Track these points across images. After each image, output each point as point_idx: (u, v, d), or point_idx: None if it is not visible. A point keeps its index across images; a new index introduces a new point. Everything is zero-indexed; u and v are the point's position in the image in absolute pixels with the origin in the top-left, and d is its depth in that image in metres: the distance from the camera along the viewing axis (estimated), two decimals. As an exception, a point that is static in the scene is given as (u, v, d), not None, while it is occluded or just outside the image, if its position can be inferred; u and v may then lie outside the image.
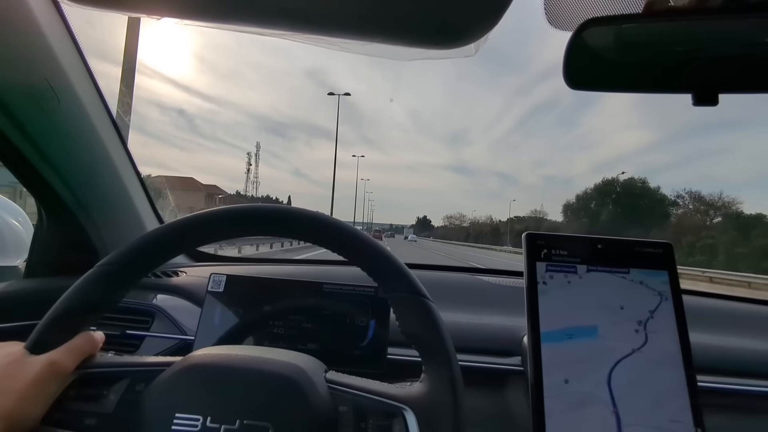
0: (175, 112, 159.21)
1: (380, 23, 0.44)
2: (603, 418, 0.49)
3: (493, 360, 0.72)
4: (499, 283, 1.02)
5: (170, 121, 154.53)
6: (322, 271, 1.09)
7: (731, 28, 0.48)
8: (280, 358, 0.44)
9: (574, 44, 0.50)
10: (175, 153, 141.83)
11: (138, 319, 0.82)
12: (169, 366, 0.43)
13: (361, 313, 0.70)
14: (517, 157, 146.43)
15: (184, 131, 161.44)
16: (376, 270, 0.47)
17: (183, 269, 1.04)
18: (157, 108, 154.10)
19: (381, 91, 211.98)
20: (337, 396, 0.43)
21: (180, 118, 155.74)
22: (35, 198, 0.88)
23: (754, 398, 0.69)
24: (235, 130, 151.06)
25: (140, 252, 0.47)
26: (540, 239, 0.56)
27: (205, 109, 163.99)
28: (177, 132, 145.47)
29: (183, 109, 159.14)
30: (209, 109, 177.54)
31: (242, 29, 0.48)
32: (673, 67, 0.53)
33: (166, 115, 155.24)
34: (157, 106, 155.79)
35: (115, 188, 0.96)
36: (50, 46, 0.71)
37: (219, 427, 0.39)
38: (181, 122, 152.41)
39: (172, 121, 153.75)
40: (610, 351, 0.51)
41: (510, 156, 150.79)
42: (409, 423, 0.41)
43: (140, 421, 0.40)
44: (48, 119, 0.75)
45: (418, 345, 0.45)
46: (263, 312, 0.71)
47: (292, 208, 0.49)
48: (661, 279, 0.54)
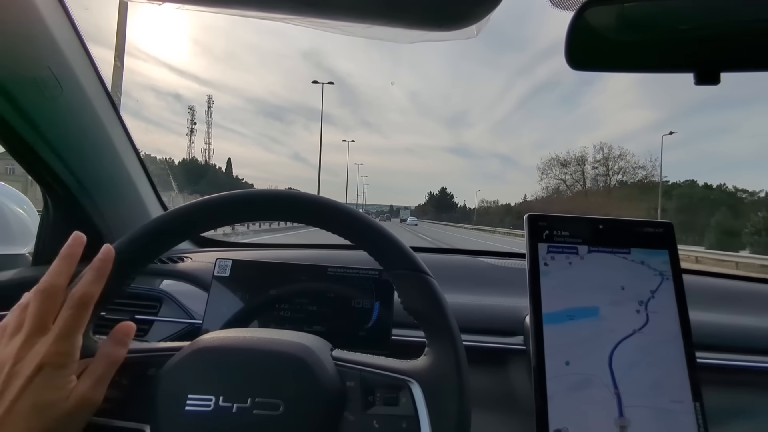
0: (171, 96, 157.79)
1: (382, 5, 0.44)
2: (604, 399, 0.49)
3: (495, 339, 0.73)
4: (501, 264, 1.03)
5: (167, 106, 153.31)
6: (327, 255, 1.10)
7: (733, 7, 0.48)
8: (288, 339, 0.45)
9: (576, 24, 0.49)
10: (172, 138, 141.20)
11: (146, 305, 0.83)
12: (179, 350, 0.44)
13: (365, 296, 0.71)
14: (518, 138, 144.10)
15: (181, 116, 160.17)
16: (377, 250, 0.48)
17: (188, 255, 1.05)
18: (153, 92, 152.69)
19: (379, 73, 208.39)
20: (344, 372, 0.44)
21: (177, 103, 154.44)
22: (40, 186, 0.89)
23: (753, 374, 0.71)
24: (232, 114, 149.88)
25: (147, 238, 0.48)
26: (542, 220, 0.56)
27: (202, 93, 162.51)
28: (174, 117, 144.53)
29: (179, 94, 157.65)
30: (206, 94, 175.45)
31: (242, 13, 0.48)
32: (674, 46, 0.53)
33: (162, 100, 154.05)
34: (152, 91, 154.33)
35: (119, 175, 0.96)
36: (52, 34, 0.71)
37: (231, 405, 0.40)
38: (177, 107, 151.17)
39: (168, 106, 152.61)
40: (611, 332, 0.51)
41: (511, 137, 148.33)
42: (416, 395, 0.42)
43: (153, 404, 0.41)
44: (52, 107, 0.75)
45: (421, 320, 0.46)
46: (269, 296, 0.72)
47: (295, 193, 0.50)
48: (662, 258, 0.55)
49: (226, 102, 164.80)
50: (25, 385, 0.38)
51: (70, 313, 0.41)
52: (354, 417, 0.42)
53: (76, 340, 0.41)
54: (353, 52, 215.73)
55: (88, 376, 0.42)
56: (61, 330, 0.40)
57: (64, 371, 0.40)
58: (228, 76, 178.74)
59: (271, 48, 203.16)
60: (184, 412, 0.40)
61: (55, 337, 0.40)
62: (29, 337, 0.40)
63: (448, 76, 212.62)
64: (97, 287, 0.43)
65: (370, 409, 0.42)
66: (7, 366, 0.39)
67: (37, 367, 0.39)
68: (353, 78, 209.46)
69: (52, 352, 0.39)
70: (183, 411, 0.40)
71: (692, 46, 0.53)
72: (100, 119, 0.86)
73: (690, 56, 0.54)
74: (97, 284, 0.43)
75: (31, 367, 0.39)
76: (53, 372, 0.39)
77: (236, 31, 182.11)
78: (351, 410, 0.42)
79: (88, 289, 0.43)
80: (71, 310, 0.41)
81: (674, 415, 0.49)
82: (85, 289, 0.42)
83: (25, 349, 0.39)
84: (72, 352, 0.41)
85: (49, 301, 0.41)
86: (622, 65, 0.59)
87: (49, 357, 0.39)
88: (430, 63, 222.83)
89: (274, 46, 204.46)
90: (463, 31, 0.47)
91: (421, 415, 0.42)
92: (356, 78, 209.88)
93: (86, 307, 0.42)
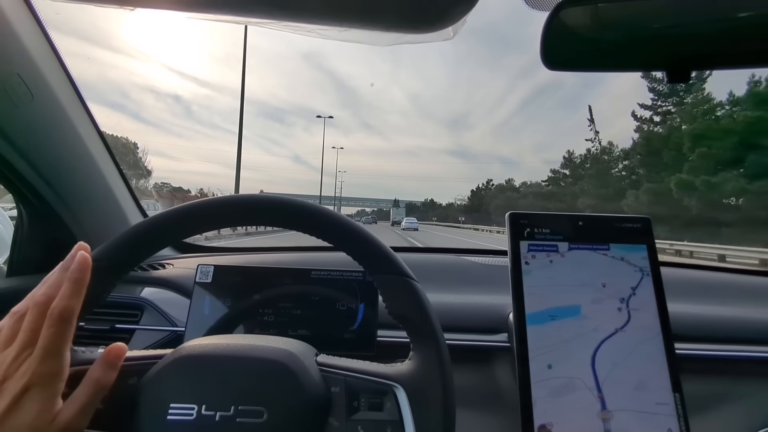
0: (171, 98, 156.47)
1: (357, 8, 0.44)
2: (588, 404, 0.49)
3: (480, 337, 0.74)
4: (484, 262, 1.04)
5: (166, 107, 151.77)
6: (310, 257, 1.10)
7: (703, 6, 0.49)
8: (271, 345, 0.45)
9: (551, 24, 0.50)
10: (173, 140, 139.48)
11: (127, 313, 0.82)
12: (161, 358, 0.43)
13: (350, 298, 0.71)
14: (519, 141, 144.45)
15: (181, 118, 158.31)
16: (360, 254, 0.48)
17: (170, 261, 1.03)
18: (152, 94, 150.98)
19: (380, 74, 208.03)
20: (329, 378, 0.44)
21: (176, 105, 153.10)
22: (13, 194, 0.87)
23: (729, 363, 0.72)
24: (232, 116, 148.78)
25: (127, 245, 0.47)
26: (523, 218, 0.57)
27: (201, 95, 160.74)
28: (174, 119, 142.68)
29: (179, 95, 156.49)
30: (205, 95, 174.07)
31: (217, 18, 0.47)
32: (647, 45, 0.54)
33: (162, 102, 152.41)
34: (151, 92, 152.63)
35: (95, 181, 0.94)
36: (21, 40, 0.70)
37: (214, 414, 0.39)
38: (177, 109, 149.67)
39: (168, 108, 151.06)
40: (594, 331, 0.52)
41: (511, 140, 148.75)
42: (400, 399, 0.42)
43: (134, 414, 0.40)
44: (22, 114, 0.73)
45: (405, 324, 0.46)
46: (253, 301, 0.71)
47: (274, 197, 0.50)
48: (641, 254, 0.55)
49: (225, 104, 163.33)
50: (11, 407, 0.37)
51: (52, 330, 0.39)
52: (339, 423, 0.42)
53: (63, 358, 0.40)
54: (354, 54, 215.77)
55: (73, 401, 0.40)
56: (46, 348, 0.39)
57: (51, 392, 0.39)
58: (227, 78, 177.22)
59: (271, 49, 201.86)
60: (166, 422, 0.39)
61: (41, 357, 0.38)
62: (20, 351, 0.38)
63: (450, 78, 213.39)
64: (77, 300, 0.41)
65: (355, 414, 0.42)
66: None
67: (23, 387, 0.37)
68: (355, 79, 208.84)
69: (39, 373, 0.38)
70: (165, 421, 0.39)
71: (664, 45, 0.54)
72: (73, 125, 0.84)
73: (662, 55, 0.55)
74: (76, 297, 0.41)
75: (18, 387, 0.37)
76: (40, 393, 0.38)
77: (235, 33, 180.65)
78: (336, 416, 0.42)
79: (67, 303, 0.40)
80: (53, 328, 0.39)
81: (658, 418, 0.49)
82: (65, 303, 0.40)
83: (14, 366, 0.38)
84: (59, 371, 0.39)
85: (45, 315, 0.40)
86: (597, 65, 0.60)
87: (36, 377, 0.38)
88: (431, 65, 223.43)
89: (274, 47, 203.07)
90: (439, 33, 0.47)
91: (406, 420, 0.42)
92: (357, 80, 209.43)
93: (69, 322, 0.40)
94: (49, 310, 0.40)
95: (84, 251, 0.43)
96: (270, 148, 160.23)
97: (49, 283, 0.41)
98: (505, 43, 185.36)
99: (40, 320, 0.39)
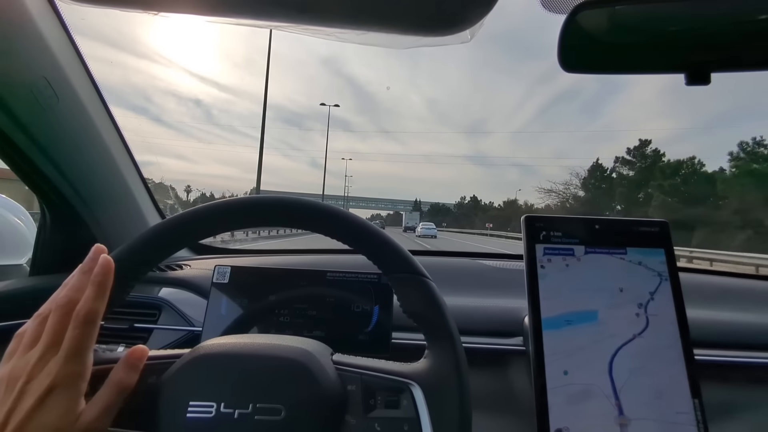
0: (192, 102, 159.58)
1: (375, 12, 0.44)
2: (605, 410, 0.48)
3: (495, 341, 0.73)
4: (499, 266, 1.03)
5: (187, 111, 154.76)
6: (325, 259, 1.10)
7: (722, 7, 0.48)
8: (288, 344, 0.45)
9: (568, 27, 0.50)
10: (192, 143, 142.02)
11: (145, 313, 0.83)
12: (179, 357, 0.44)
13: (364, 300, 0.71)
14: (538, 147, 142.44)
15: (201, 122, 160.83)
16: (376, 254, 0.48)
17: (187, 262, 1.05)
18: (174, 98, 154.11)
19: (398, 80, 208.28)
20: (345, 376, 0.44)
21: (197, 109, 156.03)
22: (37, 195, 0.89)
23: (749, 369, 0.71)
24: (251, 120, 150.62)
25: (146, 247, 0.48)
26: (539, 221, 0.56)
27: (221, 99, 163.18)
28: (194, 123, 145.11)
29: (199, 99, 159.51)
30: (225, 99, 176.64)
31: (236, 21, 0.48)
32: (665, 47, 0.54)
33: (183, 106, 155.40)
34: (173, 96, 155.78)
35: (116, 183, 0.96)
36: (48, 44, 0.72)
37: (233, 411, 0.40)
38: (198, 113, 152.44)
39: (189, 112, 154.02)
40: (611, 337, 0.50)
41: (530, 146, 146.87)
42: (417, 397, 0.43)
43: (154, 412, 0.41)
44: (48, 117, 0.76)
45: (420, 323, 0.46)
46: (268, 302, 0.72)
47: (293, 199, 0.50)
48: (659, 258, 0.54)
49: (244, 108, 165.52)
50: (36, 406, 0.37)
51: (77, 332, 0.40)
52: (355, 420, 0.42)
53: (87, 359, 0.41)
54: (372, 59, 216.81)
55: (96, 402, 0.40)
56: (70, 349, 0.39)
57: (74, 392, 0.39)
58: (246, 83, 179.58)
59: (290, 55, 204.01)
60: (185, 420, 0.40)
61: (65, 358, 0.39)
62: (44, 353, 0.39)
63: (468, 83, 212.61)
64: (101, 303, 0.42)
65: (372, 412, 0.42)
66: (20, 382, 0.38)
67: (48, 388, 0.38)
68: (373, 85, 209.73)
69: (63, 374, 0.39)
70: (184, 418, 0.40)
71: (683, 47, 0.53)
72: (96, 127, 0.87)
73: (681, 57, 0.54)
74: (101, 300, 0.42)
75: (43, 387, 0.38)
76: (63, 394, 0.39)
77: (256, 38, 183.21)
78: (352, 414, 0.42)
79: (92, 305, 0.41)
80: (78, 329, 0.40)
81: (678, 428, 0.48)
82: (90, 306, 0.41)
83: (39, 367, 0.39)
84: (82, 372, 0.40)
85: (68, 317, 0.40)
86: (614, 67, 0.59)
87: (60, 378, 0.38)
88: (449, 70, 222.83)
89: (293, 52, 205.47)
90: (456, 36, 0.47)
91: (423, 417, 0.42)
92: (374, 85, 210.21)
93: (93, 324, 0.41)
94: (74, 312, 0.41)
95: (104, 253, 0.44)
96: (287, 152, 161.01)
97: (70, 285, 0.42)
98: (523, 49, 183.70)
99: (63, 322, 0.40)
